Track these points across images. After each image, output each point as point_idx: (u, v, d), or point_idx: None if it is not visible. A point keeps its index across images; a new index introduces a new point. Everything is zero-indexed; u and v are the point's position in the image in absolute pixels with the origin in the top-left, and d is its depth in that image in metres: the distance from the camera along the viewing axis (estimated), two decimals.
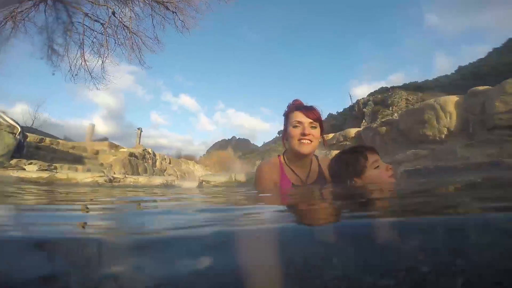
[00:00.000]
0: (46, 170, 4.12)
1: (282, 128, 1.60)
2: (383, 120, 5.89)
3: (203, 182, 3.27)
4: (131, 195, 1.77)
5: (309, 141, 1.41)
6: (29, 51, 8.96)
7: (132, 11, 8.90)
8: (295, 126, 1.43)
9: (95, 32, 8.95)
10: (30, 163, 5.18)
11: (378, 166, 1.31)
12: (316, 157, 1.59)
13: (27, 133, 7.73)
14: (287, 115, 1.52)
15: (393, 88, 30.45)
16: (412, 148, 4.77)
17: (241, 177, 3.16)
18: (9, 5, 7.64)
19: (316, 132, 1.45)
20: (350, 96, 56.39)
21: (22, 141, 5.65)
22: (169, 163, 17.02)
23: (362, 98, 30.52)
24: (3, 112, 5.58)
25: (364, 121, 26.23)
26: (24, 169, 3.92)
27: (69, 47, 9.04)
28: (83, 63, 9.26)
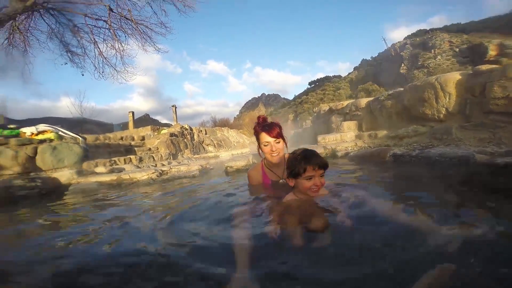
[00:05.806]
0: (111, 171, 5.28)
1: (313, 78, 1.94)
2: (389, 93, 5.72)
3: (228, 168, 4.00)
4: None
5: (277, 153, 1.92)
6: (52, 58, 9.46)
7: (129, 1, 8.71)
8: (265, 145, 1.94)
9: (103, 29, 9.04)
10: (96, 164, 6.50)
11: (311, 178, 1.42)
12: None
13: (85, 135, 9.26)
14: (256, 136, 2.00)
15: (432, 30, 26.78)
16: (414, 124, 4.83)
17: (257, 158, 3.73)
18: None
19: (280, 145, 1.94)
20: (384, 40, 50.03)
21: (86, 146, 6.99)
22: (205, 133, 18.36)
23: (398, 42, 27.47)
24: (61, 126, 6.87)
25: (403, 65, 23.94)
26: (97, 173, 5.12)
27: (86, 47, 9.43)
28: (103, 60, 9.68)
